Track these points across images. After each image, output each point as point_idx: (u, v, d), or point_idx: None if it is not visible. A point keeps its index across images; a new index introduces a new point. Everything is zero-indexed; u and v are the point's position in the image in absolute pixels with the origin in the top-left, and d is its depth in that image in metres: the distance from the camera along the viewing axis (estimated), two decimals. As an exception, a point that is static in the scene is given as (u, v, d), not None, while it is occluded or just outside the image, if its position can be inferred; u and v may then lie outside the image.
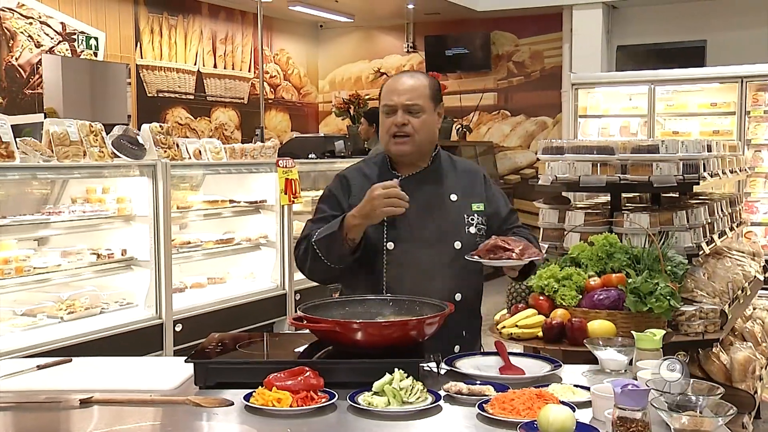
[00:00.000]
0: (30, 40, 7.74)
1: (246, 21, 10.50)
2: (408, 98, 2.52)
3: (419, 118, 2.53)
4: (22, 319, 4.31)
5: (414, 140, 2.53)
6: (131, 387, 2.08)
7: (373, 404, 1.89)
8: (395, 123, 2.52)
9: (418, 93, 2.53)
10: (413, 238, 2.52)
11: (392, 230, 2.53)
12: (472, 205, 2.61)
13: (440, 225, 2.53)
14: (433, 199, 2.57)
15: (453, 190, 2.61)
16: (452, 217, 2.57)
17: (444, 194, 2.59)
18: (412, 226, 2.52)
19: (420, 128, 2.53)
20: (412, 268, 2.51)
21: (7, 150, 3.99)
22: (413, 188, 2.51)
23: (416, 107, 2.52)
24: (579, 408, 1.84)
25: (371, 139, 6.68)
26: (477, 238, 2.57)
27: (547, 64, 10.68)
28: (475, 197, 2.63)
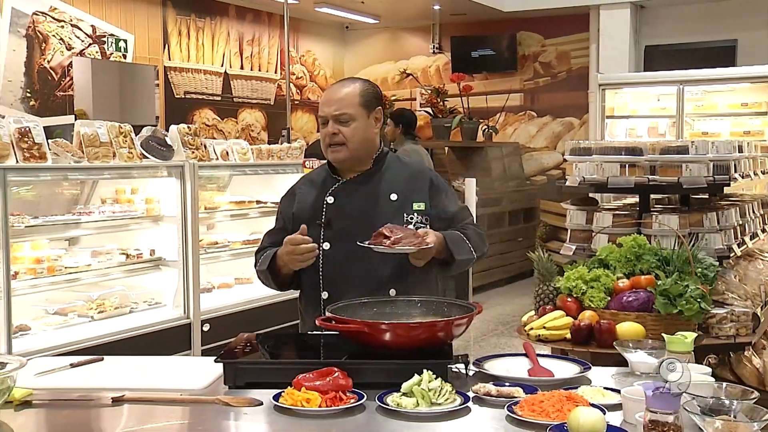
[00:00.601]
0: (61, 43, 7.84)
1: (272, 22, 10.55)
2: (336, 108, 2.60)
3: (349, 127, 2.60)
4: (53, 318, 4.36)
5: (347, 148, 2.61)
6: (161, 386, 2.10)
7: (402, 405, 1.89)
8: (327, 133, 2.62)
9: (346, 102, 2.61)
10: (348, 237, 2.56)
11: (328, 231, 2.63)
12: (413, 204, 2.65)
13: (376, 223, 2.55)
14: (371, 199, 2.65)
15: (393, 189, 2.66)
16: (390, 215, 2.60)
17: (384, 194, 2.65)
18: (348, 227, 2.60)
19: (351, 136, 2.60)
20: (347, 266, 2.59)
21: (40, 151, 4.05)
22: (352, 191, 2.65)
23: (345, 116, 2.60)
24: (609, 411, 1.83)
25: (397, 139, 6.68)
26: None
27: (573, 65, 10.61)
28: (416, 196, 2.67)
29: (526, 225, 10.49)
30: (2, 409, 1.89)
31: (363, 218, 2.59)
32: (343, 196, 2.65)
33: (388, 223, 2.54)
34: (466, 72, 10.50)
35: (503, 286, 9.75)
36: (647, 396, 1.60)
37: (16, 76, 7.46)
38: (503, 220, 9.98)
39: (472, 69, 10.88)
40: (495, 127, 10.46)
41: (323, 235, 2.62)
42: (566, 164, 10.18)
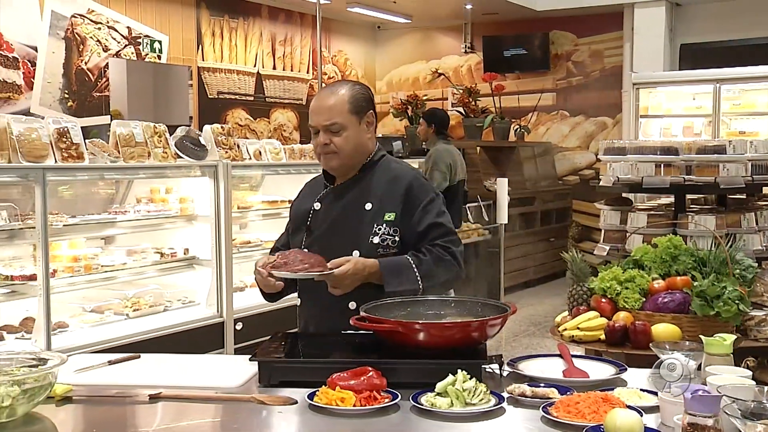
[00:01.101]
0: (98, 44, 7.95)
1: (305, 23, 10.60)
2: (326, 119, 2.54)
3: (341, 136, 2.54)
4: (90, 316, 4.43)
5: (339, 156, 2.56)
6: (197, 384, 2.12)
7: (436, 405, 1.89)
8: (318, 143, 2.57)
9: (335, 111, 2.54)
10: (323, 246, 2.54)
11: (309, 236, 2.61)
12: (385, 215, 2.54)
13: (345, 233, 2.54)
14: (350, 207, 2.58)
15: (370, 198, 2.57)
16: (361, 225, 2.54)
17: (361, 203, 2.57)
18: (324, 235, 2.58)
19: (343, 145, 2.55)
20: None
21: (77, 151, 4.11)
22: (336, 198, 2.61)
23: (336, 126, 2.54)
24: (646, 413, 1.81)
25: (430, 139, 6.68)
26: (380, 249, 2.50)
27: (607, 64, 10.52)
28: (389, 206, 2.55)
29: (558, 225, 10.43)
30: (44, 405, 1.92)
31: (336, 227, 2.57)
32: (327, 203, 2.62)
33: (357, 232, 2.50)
34: (498, 71, 10.45)
35: (535, 286, 9.69)
36: (686, 398, 1.58)
37: (55, 78, 7.58)
38: (535, 220, 9.92)
39: (504, 68, 10.83)
40: (527, 126, 10.40)
41: (305, 239, 2.61)
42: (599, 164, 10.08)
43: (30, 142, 3.90)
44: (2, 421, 1.81)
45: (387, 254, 2.50)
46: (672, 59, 9.63)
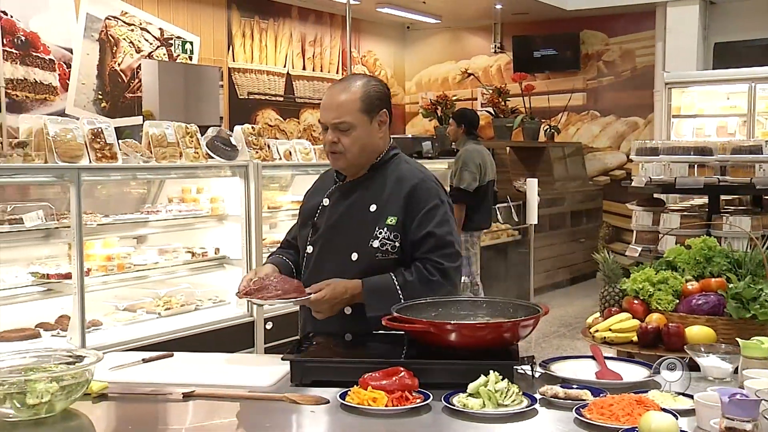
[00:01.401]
0: (131, 46, 8.05)
1: (334, 23, 10.63)
2: (335, 117, 2.45)
3: (349, 136, 2.45)
4: (123, 314, 4.48)
5: (346, 157, 2.48)
6: (230, 383, 2.14)
7: (468, 406, 1.89)
8: (326, 141, 2.49)
9: (346, 109, 2.45)
10: (326, 244, 2.51)
11: (314, 234, 2.56)
12: (387, 218, 2.45)
13: (346, 234, 2.48)
14: (353, 207, 2.51)
15: (375, 200, 2.49)
16: (363, 228, 2.46)
17: (366, 203, 2.50)
18: (327, 233, 2.52)
19: (351, 146, 2.46)
20: (319, 273, 2.50)
21: (111, 151, 4.16)
22: (343, 196, 2.54)
23: (344, 125, 2.45)
24: (681, 416, 1.79)
25: (460, 140, 6.66)
26: (379, 253, 2.43)
27: (638, 63, 10.41)
28: (392, 209, 2.46)
29: (588, 226, 10.35)
30: (80, 401, 1.95)
31: (339, 227, 2.51)
32: (334, 200, 2.56)
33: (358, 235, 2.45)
34: (528, 71, 10.40)
35: (565, 287, 9.63)
36: (723, 402, 1.56)
37: (89, 79, 7.68)
38: (565, 220, 9.86)
39: (534, 68, 10.78)
40: (557, 126, 10.33)
41: (310, 237, 2.57)
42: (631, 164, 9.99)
43: (65, 142, 3.95)
44: (41, 417, 1.84)
45: (385, 260, 2.43)
46: (705, 58, 9.51)
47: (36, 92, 7.18)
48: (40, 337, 4.06)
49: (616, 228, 10.47)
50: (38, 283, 4.09)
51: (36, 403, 1.80)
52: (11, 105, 6.94)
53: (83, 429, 1.88)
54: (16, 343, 3.87)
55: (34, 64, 7.15)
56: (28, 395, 1.79)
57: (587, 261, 9.99)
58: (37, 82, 7.19)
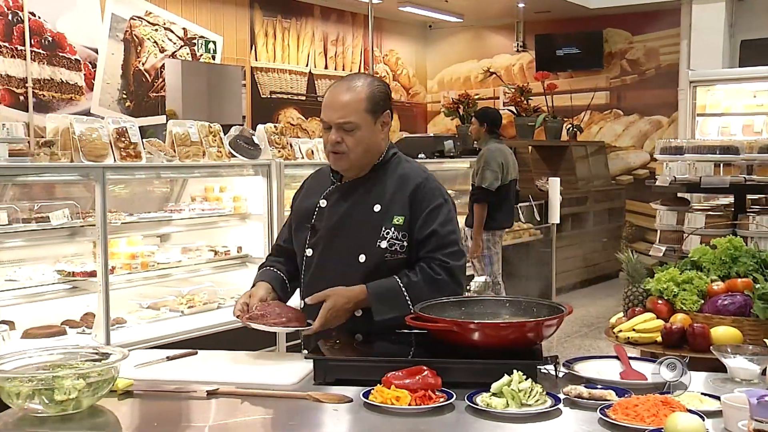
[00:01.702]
0: (155, 45, 8.11)
1: (356, 22, 10.64)
2: (340, 116, 2.41)
3: (354, 136, 2.41)
4: (147, 312, 4.52)
5: (349, 157, 2.44)
6: (254, 381, 2.14)
7: (492, 405, 1.88)
8: (329, 140, 2.44)
9: (351, 109, 2.40)
10: (327, 246, 2.47)
11: (313, 237, 2.51)
12: (393, 218, 2.42)
13: (353, 236, 2.44)
14: (357, 208, 2.47)
15: (379, 200, 2.45)
16: (368, 228, 2.43)
17: (369, 204, 2.46)
18: (329, 235, 2.48)
19: (355, 146, 2.42)
20: (322, 276, 2.47)
21: (135, 150, 4.20)
22: (343, 196, 2.49)
23: (349, 125, 2.41)
24: (708, 417, 1.77)
25: (482, 138, 6.64)
26: (387, 254, 2.41)
27: (663, 62, 10.32)
28: (397, 209, 2.43)
29: (610, 225, 10.29)
30: (106, 398, 1.97)
31: (342, 228, 2.46)
32: (333, 201, 2.50)
33: (364, 235, 2.42)
34: (550, 70, 10.35)
35: (587, 287, 9.58)
36: (752, 404, 1.54)
37: (114, 79, 7.75)
38: (587, 220, 9.80)
39: (556, 67, 10.72)
40: (579, 125, 10.28)
41: (308, 239, 2.51)
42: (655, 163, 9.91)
43: (91, 141, 3.99)
44: (68, 413, 1.86)
45: (393, 260, 2.41)
46: (732, 56, 9.40)
47: (62, 92, 7.26)
48: (66, 334, 4.11)
49: (639, 227, 10.40)
50: (64, 281, 4.14)
51: (63, 399, 1.82)
52: (38, 105, 7.03)
53: (109, 425, 1.89)
54: (43, 340, 3.91)
55: (61, 64, 7.24)
56: (56, 391, 1.81)
57: (609, 260, 9.92)
58: (63, 82, 7.27)
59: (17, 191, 4.20)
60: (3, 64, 6.82)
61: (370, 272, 2.42)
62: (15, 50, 6.91)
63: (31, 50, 6.98)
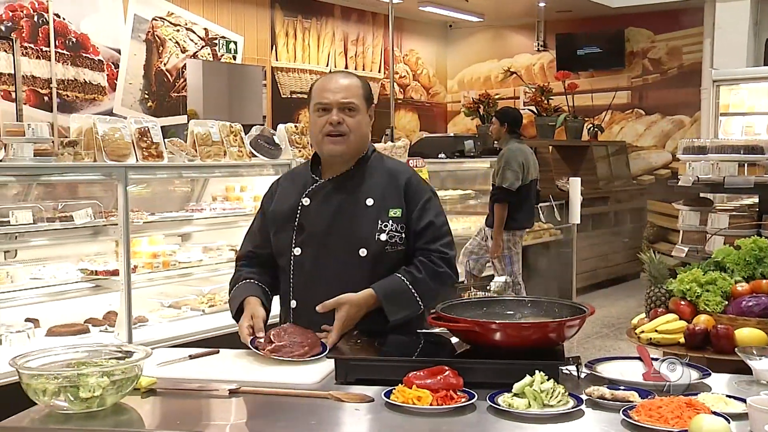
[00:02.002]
0: (177, 46, 8.17)
1: (377, 22, 10.65)
2: (343, 96, 2.44)
3: (354, 118, 2.45)
4: (168, 311, 4.55)
5: (348, 140, 2.45)
6: (275, 380, 2.15)
7: (514, 406, 1.88)
8: (330, 122, 2.43)
9: (352, 92, 2.46)
10: (320, 244, 2.45)
11: (300, 235, 2.48)
12: (389, 211, 2.46)
13: (349, 231, 2.44)
14: (347, 203, 2.47)
15: (370, 194, 2.47)
16: (364, 223, 2.45)
17: (360, 198, 2.47)
18: (321, 232, 2.46)
19: (355, 128, 2.45)
20: (317, 274, 2.45)
21: (157, 150, 4.22)
22: (329, 193, 2.48)
23: (352, 105, 2.45)
24: (733, 420, 1.76)
25: (503, 138, 6.62)
26: (388, 246, 2.44)
27: (685, 61, 10.24)
28: (392, 202, 2.47)
29: (631, 226, 10.23)
30: (130, 396, 1.98)
31: (336, 224, 2.45)
32: (318, 198, 2.49)
33: (361, 230, 2.42)
34: (571, 70, 10.31)
35: (607, 287, 9.52)
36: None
37: (136, 79, 7.81)
38: (608, 220, 9.75)
39: (577, 66, 10.67)
40: (601, 125, 10.22)
41: (294, 239, 2.48)
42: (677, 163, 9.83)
43: (113, 141, 4.02)
44: (93, 410, 1.87)
45: (393, 252, 2.45)
46: (756, 55, 9.29)
47: (85, 92, 7.33)
48: (89, 332, 4.14)
49: (661, 228, 10.33)
50: (87, 280, 4.18)
51: (88, 397, 1.84)
52: (62, 105, 7.10)
53: (133, 423, 1.91)
54: (67, 337, 3.95)
55: (84, 64, 7.31)
56: (81, 389, 1.83)
57: (630, 261, 9.86)
58: (86, 83, 7.34)
59: (41, 191, 4.24)
60: (28, 65, 6.90)
61: (371, 266, 2.44)
62: (40, 51, 6.98)
63: (55, 51, 7.06)
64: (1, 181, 3.90)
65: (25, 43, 6.86)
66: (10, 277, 4.03)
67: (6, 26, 6.76)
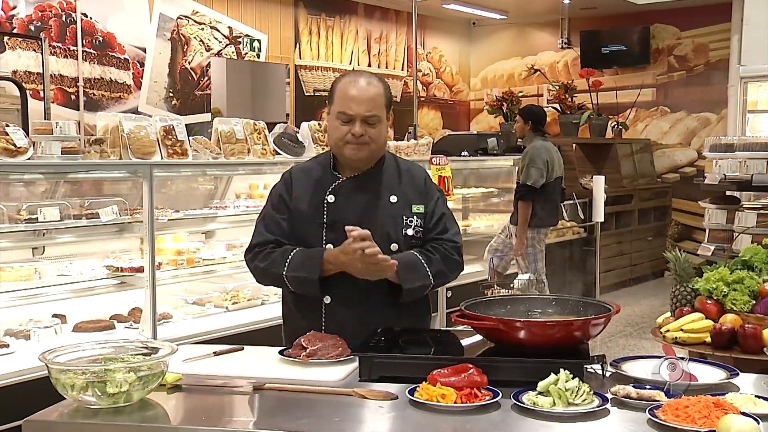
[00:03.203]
0: (201, 44, 8.21)
1: (400, 20, 10.64)
2: (367, 109, 2.47)
3: (376, 128, 2.50)
4: (192, 308, 4.57)
5: (370, 147, 2.51)
6: (299, 377, 2.16)
7: (538, 404, 1.87)
8: (353, 133, 2.47)
9: (376, 103, 2.49)
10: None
11: (331, 232, 2.51)
12: (412, 207, 2.57)
13: (379, 227, 2.48)
14: (373, 200, 2.55)
15: (393, 191, 2.57)
16: (391, 219, 2.53)
17: (384, 196, 2.56)
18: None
19: (377, 137, 2.51)
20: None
21: (182, 148, 4.25)
22: (353, 190, 2.54)
23: (375, 118, 2.49)
24: (762, 420, 1.74)
25: (526, 136, 6.59)
26: (413, 240, 2.55)
27: (712, 58, 10.13)
28: (415, 199, 2.59)
29: (656, 224, 10.14)
30: (156, 392, 2.00)
31: (367, 221, 2.49)
32: (343, 196, 2.54)
33: (390, 226, 2.49)
34: (595, 67, 10.23)
35: (631, 286, 9.46)
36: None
37: (161, 77, 7.87)
38: (632, 218, 9.68)
39: (601, 64, 10.59)
40: (625, 123, 10.14)
41: (326, 236, 2.52)
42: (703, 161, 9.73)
43: (139, 139, 4.05)
44: (120, 405, 1.89)
45: (416, 246, 2.54)
46: (785, 51, 9.17)
47: (111, 91, 7.40)
48: (115, 328, 4.18)
49: (686, 226, 10.23)
50: (112, 276, 4.21)
51: (115, 392, 1.86)
52: (89, 103, 7.17)
53: (159, 418, 1.92)
54: (93, 333, 3.99)
55: (110, 63, 7.38)
56: (108, 384, 1.85)
57: (654, 260, 9.78)
58: (112, 81, 7.41)
59: (68, 188, 4.29)
60: (56, 64, 6.97)
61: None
62: (67, 50, 7.06)
63: (82, 50, 7.13)
64: (30, 179, 3.95)
65: (53, 42, 6.94)
66: (38, 274, 4.07)
67: (35, 26, 6.83)
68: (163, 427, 1.90)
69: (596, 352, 2.20)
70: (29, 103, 6.40)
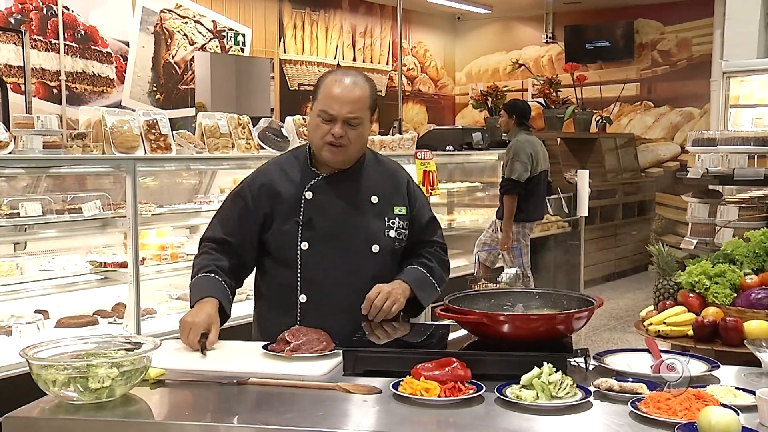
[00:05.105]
0: (185, 38, 8.17)
1: (384, 14, 10.63)
2: (350, 111, 2.40)
3: (356, 131, 2.43)
4: (176, 303, 4.56)
5: (347, 150, 2.45)
6: (283, 371, 2.16)
7: (522, 397, 1.88)
8: (332, 133, 2.41)
9: (359, 105, 2.42)
10: (329, 239, 2.45)
11: (308, 230, 2.47)
12: (394, 208, 2.54)
13: (358, 227, 2.46)
14: (352, 200, 2.50)
15: (374, 191, 2.52)
16: (372, 219, 2.49)
17: (364, 196, 2.51)
18: (330, 227, 2.46)
19: (357, 140, 2.45)
20: (327, 270, 2.45)
21: (165, 142, 4.23)
22: (332, 188, 2.48)
23: (356, 120, 2.42)
24: (742, 412, 1.75)
25: (511, 130, 6.61)
26: (396, 243, 2.53)
27: (695, 52, 10.19)
28: (397, 200, 2.55)
29: (639, 218, 10.20)
30: (139, 387, 1.99)
31: (344, 220, 2.47)
32: (322, 193, 2.48)
33: (370, 227, 2.47)
34: (579, 62, 10.27)
35: (615, 280, 9.51)
36: (787, 398, 1.52)
37: (144, 71, 7.82)
38: (616, 213, 9.73)
39: (586, 59, 10.63)
40: (609, 117, 10.19)
41: (301, 234, 2.47)
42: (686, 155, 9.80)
43: (122, 133, 4.03)
44: (102, 401, 1.88)
45: (399, 248, 2.54)
46: (767, 46, 9.23)
47: (94, 85, 7.34)
48: (98, 324, 4.16)
49: (669, 220, 10.30)
50: (96, 271, 4.19)
51: (97, 388, 1.85)
52: (71, 97, 7.12)
53: (142, 413, 1.91)
54: (76, 329, 3.97)
55: (93, 57, 7.32)
56: (90, 380, 1.84)
57: (638, 253, 9.84)
58: (95, 75, 7.35)
59: (50, 183, 4.26)
60: (38, 58, 6.91)
61: (381, 261, 2.51)
62: (49, 44, 7.00)
63: (64, 44, 7.07)
64: (11, 173, 3.91)
65: (34, 35, 6.88)
66: (19, 269, 4.05)
67: (15, 19, 6.77)
68: (146, 422, 1.89)
69: (580, 346, 2.21)
70: (10, 96, 6.35)
